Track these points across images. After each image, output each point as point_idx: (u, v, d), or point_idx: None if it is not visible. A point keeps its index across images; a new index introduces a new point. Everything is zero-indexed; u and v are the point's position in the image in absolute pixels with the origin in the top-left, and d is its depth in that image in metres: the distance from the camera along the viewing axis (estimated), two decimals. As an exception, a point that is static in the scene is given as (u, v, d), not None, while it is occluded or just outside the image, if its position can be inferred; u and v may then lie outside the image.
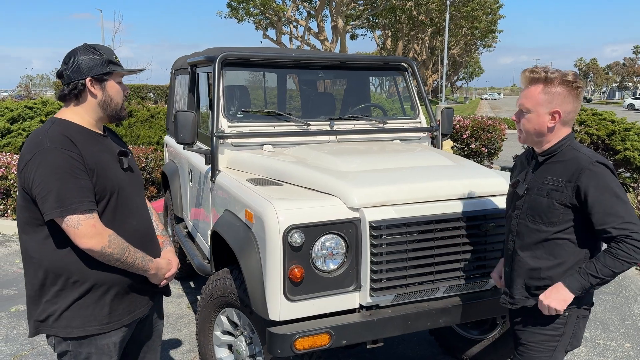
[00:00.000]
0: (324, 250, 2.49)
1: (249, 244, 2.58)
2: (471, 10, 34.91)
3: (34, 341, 3.87)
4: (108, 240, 1.84)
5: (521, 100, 2.14)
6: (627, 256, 1.97)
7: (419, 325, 2.61)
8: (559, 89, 2.07)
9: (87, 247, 1.82)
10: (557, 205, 2.06)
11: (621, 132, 8.12)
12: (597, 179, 2.00)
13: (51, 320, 1.91)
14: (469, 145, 9.96)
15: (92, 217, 1.82)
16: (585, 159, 2.04)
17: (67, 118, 1.96)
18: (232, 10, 25.19)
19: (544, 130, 2.10)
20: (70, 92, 1.94)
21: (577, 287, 2.05)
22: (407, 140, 3.91)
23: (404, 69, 4.14)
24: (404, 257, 2.54)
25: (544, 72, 2.10)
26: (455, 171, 2.92)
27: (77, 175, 1.82)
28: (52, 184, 1.78)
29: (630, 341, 4.01)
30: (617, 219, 1.98)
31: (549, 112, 2.08)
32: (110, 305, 1.96)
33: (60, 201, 1.78)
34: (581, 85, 2.12)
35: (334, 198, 2.58)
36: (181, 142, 3.27)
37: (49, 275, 1.90)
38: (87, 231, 1.80)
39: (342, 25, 25.15)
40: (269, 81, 4.47)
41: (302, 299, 2.44)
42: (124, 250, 1.88)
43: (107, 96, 1.97)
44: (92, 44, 1.98)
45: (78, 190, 1.80)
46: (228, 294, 2.83)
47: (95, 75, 1.93)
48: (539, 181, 2.15)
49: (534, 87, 2.10)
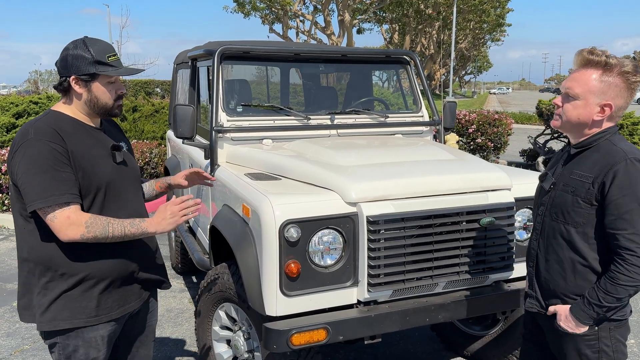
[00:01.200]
0: (321, 245, 2.46)
1: (245, 239, 2.56)
2: (479, 3, 34.64)
3: (35, 335, 3.88)
4: (85, 227, 1.80)
5: (570, 83, 1.89)
6: (629, 279, 1.79)
7: (417, 320, 2.58)
8: (616, 80, 1.83)
9: (66, 238, 1.81)
10: (581, 203, 1.87)
11: (629, 126, 8.03)
12: (625, 178, 1.78)
13: (38, 314, 1.90)
14: (475, 139, 9.88)
15: (68, 209, 1.79)
16: (620, 154, 1.82)
17: (60, 110, 1.95)
18: (239, 4, 25.12)
19: (588, 122, 1.88)
20: (59, 85, 1.93)
21: (584, 318, 1.88)
22: (409, 135, 3.87)
23: (406, 62, 4.09)
24: (402, 253, 2.51)
25: (605, 56, 1.85)
26: (455, 165, 2.88)
27: (58, 167, 1.80)
28: (33, 176, 1.78)
29: (635, 337, 3.97)
30: (630, 227, 1.78)
31: (599, 103, 1.85)
32: (99, 298, 1.94)
33: (39, 193, 1.77)
34: (639, 80, 1.86)
35: (331, 192, 2.55)
36: (180, 137, 3.25)
37: (37, 267, 1.90)
38: (62, 223, 1.78)
39: (348, 20, 25.03)
40: (269, 75, 4.43)
41: (298, 294, 2.42)
42: (105, 229, 1.84)
43: (93, 96, 1.94)
44: (90, 39, 1.94)
45: (58, 183, 1.79)
46: (226, 289, 2.81)
47: (79, 75, 1.90)
48: (567, 175, 1.95)
49: (589, 71, 1.86)
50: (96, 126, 2.02)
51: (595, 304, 1.84)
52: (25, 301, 1.96)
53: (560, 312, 1.95)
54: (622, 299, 1.83)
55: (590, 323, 1.89)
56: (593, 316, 1.87)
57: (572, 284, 1.94)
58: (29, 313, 1.95)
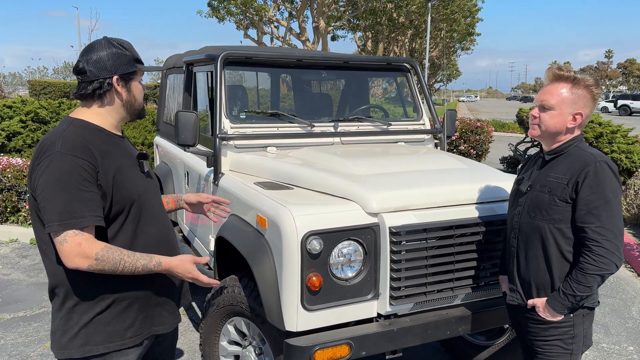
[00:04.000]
0: (341, 257, 2.39)
1: (261, 250, 2.47)
2: (450, 13, 35.16)
3: (23, 352, 3.68)
4: (95, 259, 1.66)
5: (544, 96, 2.12)
6: (596, 269, 1.99)
7: (438, 334, 2.52)
8: (583, 92, 2.09)
9: (72, 266, 1.66)
10: (558, 202, 2.07)
11: (608, 134, 8.20)
12: (595, 179, 2.00)
13: (66, 339, 1.76)
14: (457, 147, 9.97)
15: (81, 235, 1.65)
16: (590, 157, 2.05)
17: (86, 119, 1.80)
18: (213, 9, 24.86)
19: (562, 129, 2.11)
20: (94, 91, 1.77)
21: (560, 308, 2.09)
22: (411, 142, 3.83)
23: (406, 69, 4.06)
24: (423, 264, 2.45)
25: (572, 72, 2.11)
26: (472, 174, 2.84)
27: (82, 186, 1.65)
28: (54, 193, 1.63)
29: (633, 344, 4.00)
30: (597, 221, 1.99)
31: (572, 112, 2.09)
32: (133, 319, 1.83)
33: (58, 213, 1.63)
34: (600, 92, 2.16)
35: (351, 203, 2.48)
36: (182, 144, 3.13)
37: (61, 288, 1.77)
38: (72, 249, 1.64)
39: (323, 26, 25.06)
40: (271, 81, 4.34)
41: (319, 308, 2.34)
42: (116, 266, 1.70)
43: (132, 96, 1.84)
44: (114, 38, 1.82)
45: (80, 204, 1.64)
46: (237, 302, 2.70)
47: (123, 73, 1.79)
48: (543, 178, 2.15)
49: (560, 84, 2.11)
50: (120, 134, 1.90)
51: (569, 294, 2.05)
52: (54, 329, 1.81)
53: (538, 304, 2.15)
54: (592, 288, 2.04)
55: (565, 312, 2.10)
56: (568, 305, 2.08)
57: (549, 276, 2.14)
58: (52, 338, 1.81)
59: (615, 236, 2.00)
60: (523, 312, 2.26)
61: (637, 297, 4.93)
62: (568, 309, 2.10)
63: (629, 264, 5.78)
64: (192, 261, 1.90)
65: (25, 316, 4.30)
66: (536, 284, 2.18)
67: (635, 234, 6.58)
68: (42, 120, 8.49)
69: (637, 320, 4.44)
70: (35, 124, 8.43)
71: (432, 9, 33.33)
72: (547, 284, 2.15)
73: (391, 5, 30.84)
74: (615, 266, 2.01)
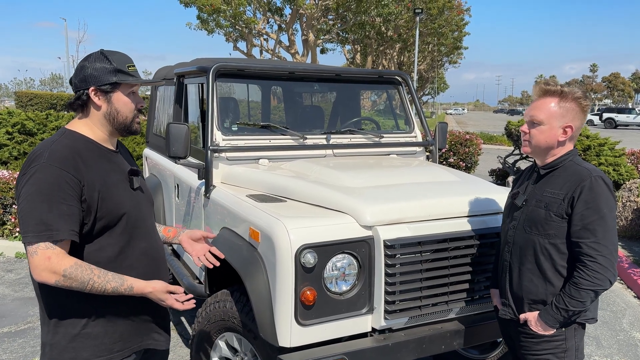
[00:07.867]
0: (335, 271, 2.36)
1: (254, 264, 2.43)
2: (438, 27, 35.54)
3: (7, 369, 3.58)
4: (62, 275, 1.62)
5: (533, 112, 2.12)
6: (590, 284, 1.98)
7: (433, 348, 2.50)
8: (572, 105, 2.08)
9: (38, 279, 1.63)
10: (553, 217, 2.06)
11: (596, 147, 8.28)
12: (590, 194, 2.00)
13: (55, 353, 1.72)
14: (447, 159, 10.01)
15: (52, 250, 1.61)
16: (585, 172, 2.04)
17: (77, 130, 1.79)
18: (202, 22, 24.89)
19: (554, 144, 2.10)
20: (74, 101, 1.77)
21: (552, 322, 2.08)
22: (403, 155, 3.83)
23: (398, 82, 4.07)
24: (418, 278, 2.43)
25: (559, 86, 2.11)
26: (465, 187, 2.84)
27: (62, 200, 1.62)
28: (33, 204, 1.61)
29: (625, 357, 4.00)
30: (592, 236, 1.98)
31: (561, 126, 2.09)
32: (121, 333, 1.79)
33: (34, 225, 1.60)
34: (589, 104, 2.16)
35: (344, 215, 2.45)
36: (173, 156, 3.09)
37: (50, 301, 1.73)
38: (40, 262, 1.60)
39: (312, 39, 25.19)
40: (262, 93, 4.32)
41: (313, 323, 2.30)
42: (84, 284, 1.65)
43: (113, 109, 1.79)
44: (108, 51, 1.80)
45: (57, 217, 1.61)
46: (228, 317, 2.66)
47: (99, 85, 1.76)
48: (538, 193, 2.14)
49: (548, 99, 2.10)
50: (113, 148, 1.86)
51: (562, 308, 2.04)
52: (43, 339, 1.78)
53: (529, 318, 2.15)
54: (585, 303, 2.02)
55: (557, 326, 2.09)
56: (560, 320, 2.06)
57: (543, 290, 2.12)
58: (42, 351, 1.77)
59: (610, 252, 1.99)
60: (515, 326, 2.25)
61: (627, 310, 4.94)
62: (560, 324, 2.09)
63: (619, 277, 5.81)
64: (165, 290, 1.81)
65: (10, 332, 4.20)
66: (529, 298, 2.16)
67: (624, 246, 6.62)
68: (29, 132, 8.39)
69: (628, 332, 4.44)
70: (22, 135, 8.34)
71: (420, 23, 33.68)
72: (540, 298, 2.13)
73: (380, 20, 31.11)
74: (609, 282, 2.00)
